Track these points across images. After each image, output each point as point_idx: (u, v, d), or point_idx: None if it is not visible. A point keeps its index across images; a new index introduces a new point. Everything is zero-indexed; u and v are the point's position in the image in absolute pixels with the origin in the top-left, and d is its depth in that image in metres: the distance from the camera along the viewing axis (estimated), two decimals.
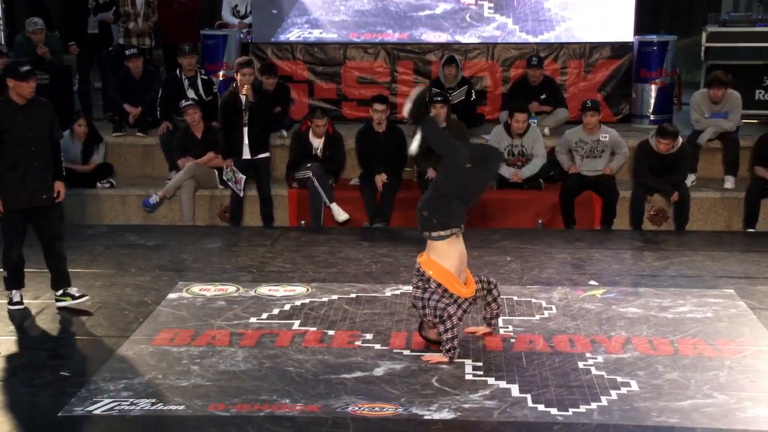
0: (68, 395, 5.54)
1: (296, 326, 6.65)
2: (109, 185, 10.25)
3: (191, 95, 10.39)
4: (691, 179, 9.92)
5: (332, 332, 6.53)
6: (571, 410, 5.33)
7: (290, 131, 10.55)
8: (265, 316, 6.87)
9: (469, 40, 11.60)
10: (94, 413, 5.34)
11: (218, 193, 10.09)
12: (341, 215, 9.57)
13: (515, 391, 5.58)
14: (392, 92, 11.35)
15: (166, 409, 5.38)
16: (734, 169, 10.06)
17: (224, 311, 6.95)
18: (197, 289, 7.48)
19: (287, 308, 7.02)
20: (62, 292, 7.07)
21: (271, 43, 11.71)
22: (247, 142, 9.62)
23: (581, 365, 5.95)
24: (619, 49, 11.42)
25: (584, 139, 9.69)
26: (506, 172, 9.70)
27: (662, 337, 6.44)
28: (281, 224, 9.88)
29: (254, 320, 6.78)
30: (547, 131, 10.49)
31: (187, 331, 6.57)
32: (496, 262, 8.19)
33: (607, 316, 6.86)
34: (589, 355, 6.12)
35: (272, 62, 11.19)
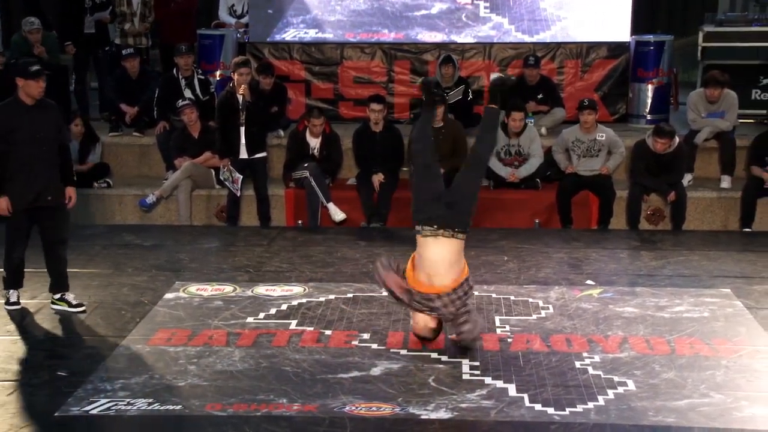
0: (65, 395, 5.53)
1: (293, 326, 6.64)
2: (105, 185, 10.25)
3: (188, 95, 10.38)
4: (687, 179, 9.93)
5: (329, 332, 6.52)
6: (568, 410, 5.33)
7: (287, 131, 10.55)
8: (262, 315, 6.86)
9: (464, 39, 11.60)
10: (90, 413, 5.33)
11: (215, 192, 10.08)
12: (338, 215, 9.57)
13: (512, 390, 5.58)
14: (389, 92, 11.35)
15: (163, 409, 5.37)
16: (731, 168, 10.07)
17: (221, 311, 6.94)
18: (194, 288, 7.47)
19: (284, 308, 7.01)
20: (60, 296, 7.02)
21: (268, 42, 11.70)
22: (244, 141, 9.60)
23: (578, 365, 5.94)
24: (615, 48, 11.42)
25: (581, 138, 9.70)
26: (503, 171, 9.72)
27: (659, 336, 6.44)
28: (278, 224, 9.88)
29: (251, 320, 6.77)
30: (544, 131, 10.49)
31: (184, 330, 6.56)
32: (493, 261, 8.19)
33: (604, 315, 6.86)
34: (586, 354, 6.12)
35: (269, 62, 11.17)
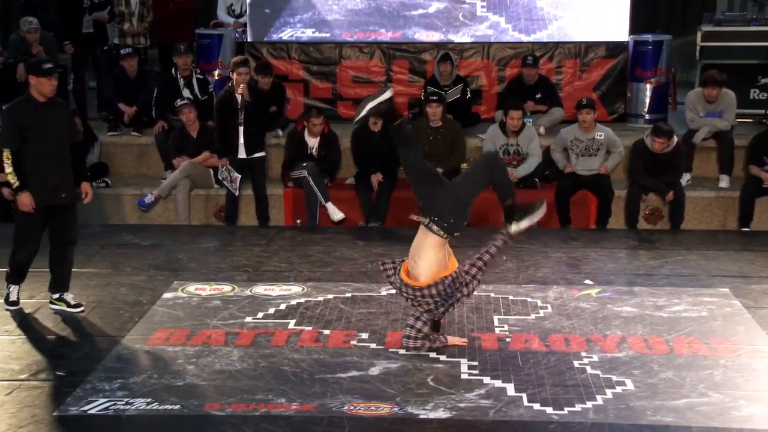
0: (64, 395, 5.53)
1: (292, 326, 6.64)
2: (104, 185, 10.24)
3: (186, 94, 10.39)
4: (686, 178, 9.93)
5: (328, 332, 6.52)
6: (566, 409, 5.33)
7: (286, 131, 10.54)
8: (260, 315, 6.86)
9: (462, 39, 11.61)
10: (89, 413, 5.32)
11: (214, 192, 10.08)
12: (337, 215, 9.57)
13: (511, 390, 5.58)
14: None
15: (161, 408, 5.37)
16: (729, 168, 10.07)
17: (220, 311, 6.94)
18: (193, 288, 7.47)
19: (283, 308, 7.01)
20: (58, 296, 7.00)
21: (266, 42, 11.71)
22: (242, 141, 9.61)
23: (576, 364, 5.95)
24: (614, 48, 11.43)
25: (579, 137, 9.70)
26: None
27: (657, 336, 6.45)
28: (277, 224, 9.87)
29: (250, 320, 6.77)
30: (542, 130, 10.48)
31: (182, 330, 6.56)
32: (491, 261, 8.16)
33: (602, 315, 6.86)
34: (584, 354, 6.12)
35: (268, 61, 11.18)
